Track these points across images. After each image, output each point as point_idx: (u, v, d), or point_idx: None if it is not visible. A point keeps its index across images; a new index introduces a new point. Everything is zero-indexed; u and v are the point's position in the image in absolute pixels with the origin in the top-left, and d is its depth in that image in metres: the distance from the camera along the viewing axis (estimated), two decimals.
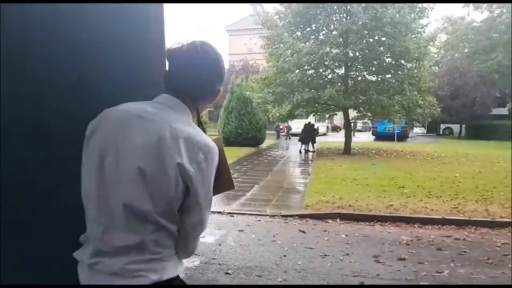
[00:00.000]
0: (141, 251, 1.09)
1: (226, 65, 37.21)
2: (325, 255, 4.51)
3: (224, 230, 5.50)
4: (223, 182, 1.26)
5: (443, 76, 30.13)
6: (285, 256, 4.48)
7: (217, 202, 7.49)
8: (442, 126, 37.89)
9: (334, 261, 4.33)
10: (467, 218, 5.97)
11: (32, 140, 1.38)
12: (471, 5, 35.16)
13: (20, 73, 1.36)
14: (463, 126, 34.89)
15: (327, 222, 6.01)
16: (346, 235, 5.31)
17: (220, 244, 4.88)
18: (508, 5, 33.84)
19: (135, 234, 1.08)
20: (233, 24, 51.65)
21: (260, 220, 6.12)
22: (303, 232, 5.34)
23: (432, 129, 39.56)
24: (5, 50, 1.30)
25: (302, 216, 6.11)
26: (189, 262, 4.20)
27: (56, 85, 1.47)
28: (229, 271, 3.99)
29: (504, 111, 35.64)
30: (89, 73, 1.59)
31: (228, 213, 6.53)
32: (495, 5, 34.79)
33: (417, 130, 41.22)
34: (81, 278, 1.16)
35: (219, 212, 6.54)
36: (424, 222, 5.90)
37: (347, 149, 17.06)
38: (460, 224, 5.83)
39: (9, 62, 1.31)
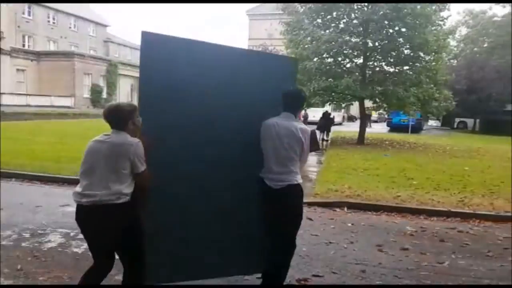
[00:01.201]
0: (290, 169, 3.03)
1: None
2: (330, 242, 4.74)
3: None
4: (314, 145, 3.43)
5: (461, 70, 29.71)
6: None
7: None
8: (457, 120, 37.57)
9: (338, 249, 4.57)
10: (471, 212, 6.13)
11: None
12: None
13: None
14: (477, 120, 34.52)
15: (335, 210, 6.22)
16: (352, 224, 5.54)
17: None
18: None
19: (288, 165, 3.02)
20: (254, 9, 51.24)
21: None
22: (310, 219, 5.55)
23: (447, 122, 39.25)
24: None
25: (310, 204, 6.27)
26: None
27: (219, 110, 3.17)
28: None
29: None
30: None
31: None
32: None
33: (432, 123, 40.93)
34: (268, 183, 3.05)
35: None
36: (430, 214, 6.08)
37: (361, 140, 17.16)
38: (465, 217, 6.00)
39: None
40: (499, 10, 39.48)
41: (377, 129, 29.61)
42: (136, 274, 2.74)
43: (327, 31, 15.96)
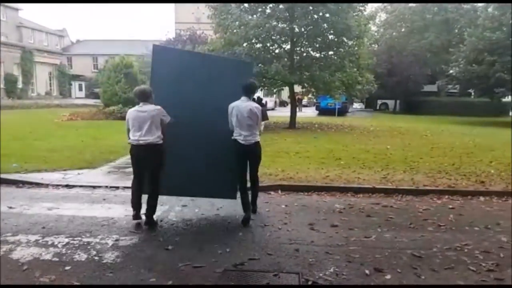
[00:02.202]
0: (253, 132, 4.77)
1: (172, 35, 35.98)
2: (265, 225, 4.79)
3: (166, 206, 5.52)
4: (264, 117, 5.04)
5: (381, 54, 31.54)
6: (227, 229, 4.71)
7: None
8: (379, 101, 40.07)
9: (273, 230, 4.62)
10: (394, 187, 6.56)
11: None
12: None
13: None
14: (398, 102, 37.16)
15: (269, 194, 6.29)
16: (285, 205, 5.64)
17: (161, 220, 4.94)
18: None
19: (251, 130, 4.77)
20: None
21: None
22: None
23: (370, 104, 41.67)
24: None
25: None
26: (127, 240, 4.28)
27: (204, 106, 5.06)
28: (169, 247, 4.07)
29: (433, 88, 38.42)
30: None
31: None
32: None
33: (356, 105, 43.25)
34: (241, 142, 4.79)
35: None
36: (356, 191, 6.39)
37: (292, 124, 17.56)
38: (388, 192, 6.40)
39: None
40: None
41: (308, 114, 30.58)
42: (155, 184, 4.74)
43: (254, 16, 15.96)
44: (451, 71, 38.24)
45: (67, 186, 6.64)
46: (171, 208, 5.50)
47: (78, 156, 9.11)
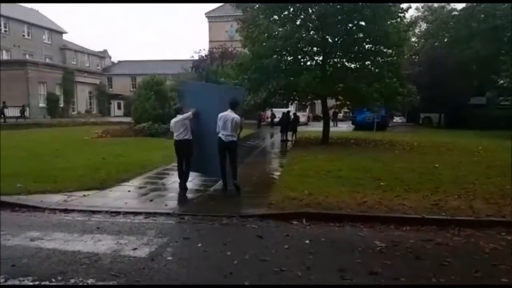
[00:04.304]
0: (233, 134, 7.00)
1: (205, 52, 36.01)
2: (281, 270, 3.71)
3: (165, 238, 4.62)
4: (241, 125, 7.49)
5: (422, 65, 29.68)
6: (231, 273, 3.65)
7: (169, 200, 6.68)
8: (422, 115, 37.84)
9: (290, 278, 3.55)
10: (449, 217, 5.27)
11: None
12: None
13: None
14: (442, 115, 34.83)
15: (292, 223, 5.21)
16: (310, 241, 4.52)
17: (152, 259, 4.00)
18: None
19: (230, 132, 6.95)
20: (213, 11, 49.95)
21: (214, 223, 5.28)
22: (261, 237, 4.54)
23: (412, 118, 39.49)
24: None
25: (263, 217, 5.29)
26: None
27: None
28: None
29: (482, 100, 35.72)
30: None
31: (179, 215, 5.66)
32: None
33: (397, 119, 41.13)
34: (222, 138, 6.99)
35: (167, 214, 5.68)
36: (401, 222, 5.15)
37: (325, 139, 16.35)
38: (441, 224, 5.12)
39: None
40: (458, 5, 40.35)
41: (343, 128, 29.14)
42: (187, 164, 7.51)
43: (284, 28, 15.04)
44: (501, 82, 35.68)
45: (65, 210, 5.91)
46: (170, 242, 4.56)
47: (92, 174, 8.47)
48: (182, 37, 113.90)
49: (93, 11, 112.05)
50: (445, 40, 35.42)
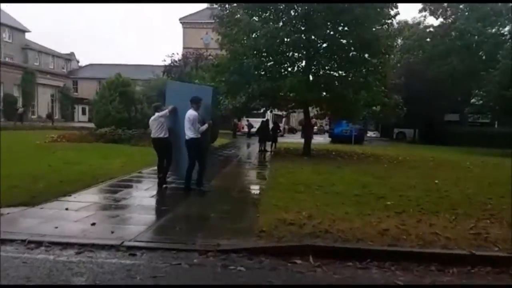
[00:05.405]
0: (191, 131, 6.89)
1: (179, 56, 34.27)
2: None
3: None
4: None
5: (398, 80, 29.16)
6: None
7: (118, 223, 5.00)
8: (396, 130, 37.58)
9: None
10: (507, 254, 3.88)
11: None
12: (428, 10, 35.02)
13: None
14: (416, 130, 34.58)
15: (295, 263, 3.69)
16: None
17: None
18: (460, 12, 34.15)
19: (189, 128, 6.91)
20: (188, 16, 48.36)
21: (180, 263, 3.66)
22: None
23: (386, 133, 39.19)
24: None
25: (252, 252, 3.75)
26: None
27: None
28: None
29: (455, 117, 35.88)
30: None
31: (128, 248, 3.95)
32: (449, 11, 34.87)
33: (371, 133, 40.62)
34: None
35: (111, 247, 3.96)
36: (444, 261, 3.76)
37: (306, 150, 15.04)
38: (499, 264, 3.76)
39: None
40: (433, 21, 40.74)
41: (318, 141, 28.05)
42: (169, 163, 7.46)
43: (266, 25, 13.68)
44: (474, 100, 35.92)
45: None
46: None
47: (29, 185, 6.66)
48: (154, 42, 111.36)
49: (63, 12, 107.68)
50: (420, 55, 35.37)
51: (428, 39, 34.06)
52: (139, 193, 6.88)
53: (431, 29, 34.73)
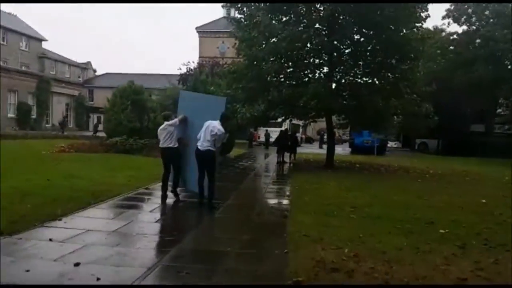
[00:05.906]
0: (210, 143, 6.39)
1: (194, 65, 33.68)
2: None
3: None
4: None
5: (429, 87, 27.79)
6: None
7: (112, 264, 3.89)
8: (418, 141, 36.02)
9: None
10: None
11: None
12: (452, 17, 33.62)
13: None
14: (440, 141, 33.00)
15: None
16: None
17: None
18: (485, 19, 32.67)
19: (209, 139, 6.38)
20: (205, 26, 47.98)
21: None
22: None
23: (407, 143, 37.66)
24: None
25: None
26: None
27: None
28: None
29: (481, 127, 34.21)
30: None
31: None
32: (474, 18, 33.41)
33: (392, 144, 39.12)
34: (198, 146, 6.46)
35: None
36: None
37: (329, 163, 13.90)
38: None
39: None
40: (456, 27, 39.30)
41: (337, 151, 26.82)
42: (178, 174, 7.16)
43: (288, 27, 12.68)
44: (500, 110, 34.25)
45: None
46: None
47: (12, 206, 5.52)
48: (170, 52, 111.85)
49: (81, 20, 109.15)
50: (443, 63, 33.89)
51: (451, 47, 32.57)
52: (142, 216, 5.83)
53: (455, 36, 33.30)
